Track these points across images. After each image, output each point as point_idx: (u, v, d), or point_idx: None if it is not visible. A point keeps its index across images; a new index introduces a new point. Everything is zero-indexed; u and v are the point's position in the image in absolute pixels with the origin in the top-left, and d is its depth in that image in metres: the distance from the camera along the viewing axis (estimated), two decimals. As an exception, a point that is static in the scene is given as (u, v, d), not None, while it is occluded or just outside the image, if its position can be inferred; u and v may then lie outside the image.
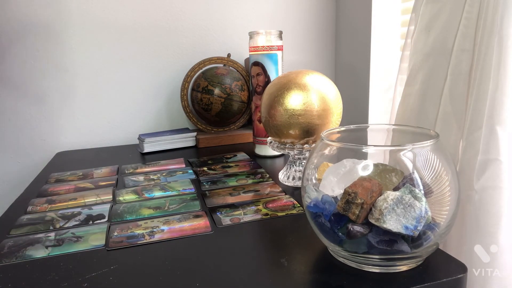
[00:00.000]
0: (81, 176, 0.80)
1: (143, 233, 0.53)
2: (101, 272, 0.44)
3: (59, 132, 1.04)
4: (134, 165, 0.86)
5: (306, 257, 0.47)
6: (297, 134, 0.65)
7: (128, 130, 1.09)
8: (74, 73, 1.03)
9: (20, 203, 0.67)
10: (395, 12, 1.03)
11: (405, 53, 0.79)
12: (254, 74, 0.86)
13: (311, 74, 0.67)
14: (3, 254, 0.49)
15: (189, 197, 0.66)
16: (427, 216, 0.39)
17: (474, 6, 0.61)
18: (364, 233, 0.39)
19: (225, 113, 1.01)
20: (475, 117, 0.60)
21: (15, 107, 1.00)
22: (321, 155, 0.46)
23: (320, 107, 0.64)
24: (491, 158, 0.57)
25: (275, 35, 0.85)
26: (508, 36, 0.55)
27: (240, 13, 1.13)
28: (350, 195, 0.39)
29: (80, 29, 1.01)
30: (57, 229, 0.56)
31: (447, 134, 0.66)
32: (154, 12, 1.06)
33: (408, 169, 0.41)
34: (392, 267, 0.41)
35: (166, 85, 1.10)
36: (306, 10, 1.19)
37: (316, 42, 1.22)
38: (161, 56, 1.08)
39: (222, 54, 1.12)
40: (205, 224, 0.55)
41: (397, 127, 0.55)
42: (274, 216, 0.57)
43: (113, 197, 0.67)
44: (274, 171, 0.78)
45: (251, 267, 0.45)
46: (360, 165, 0.42)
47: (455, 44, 0.64)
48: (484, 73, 0.59)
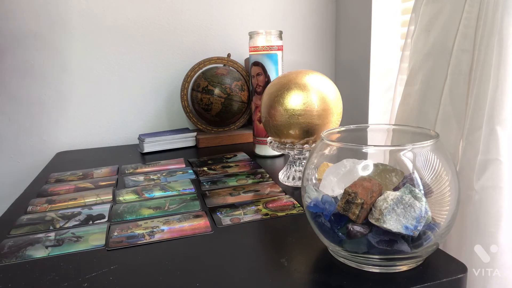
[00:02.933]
0: (81, 176, 0.80)
1: (143, 233, 0.53)
2: (101, 272, 0.44)
3: (59, 132, 1.04)
4: (134, 165, 0.86)
5: (306, 257, 0.47)
6: (297, 134, 0.65)
7: (128, 130, 1.09)
8: (74, 73, 1.03)
9: (20, 203, 0.67)
10: (395, 12, 1.03)
11: (405, 53, 0.79)
12: (254, 74, 0.86)
13: (311, 74, 0.67)
14: (3, 254, 0.49)
15: (189, 197, 0.66)
16: (427, 216, 0.39)
17: (474, 6, 0.61)
18: (364, 233, 0.39)
19: (225, 113, 1.01)
20: (475, 117, 0.60)
21: (15, 107, 1.00)
22: (321, 155, 0.46)
23: (320, 107, 0.64)
24: (491, 158, 0.57)
25: (275, 35, 0.85)
26: (508, 36, 0.55)
27: (240, 13, 1.13)
28: (350, 195, 0.39)
29: (80, 29, 1.01)
30: (57, 229, 0.56)
31: (447, 134, 0.66)
32: (154, 12, 1.06)
33: (408, 169, 0.41)
34: (392, 267, 0.41)
35: (166, 85, 1.10)
36: (306, 10, 1.19)
37: (316, 42, 1.22)
38: (161, 56, 1.08)
39: (222, 54, 1.12)
40: (205, 224, 0.55)
41: (397, 127, 0.55)
42: (274, 216, 0.57)
43: (113, 197, 0.67)
44: (274, 171, 0.78)
45: (251, 267, 0.45)
46: (360, 165, 0.42)
47: (455, 44, 0.64)
48: (484, 73, 0.59)
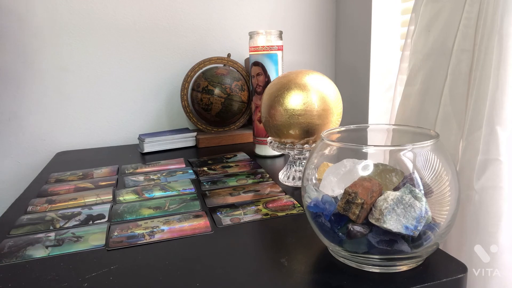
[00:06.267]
0: (81, 176, 0.80)
1: (143, 233, 0.53)
2: (101, 272, 0.44)
3: (59, 132, 1.04)
4: (134, 165, 0.86)
5: (306, 257, 0.47)
6: (297, 134, 0.65)
7: (128, 130, 1.09)
8: (74, 73, 1.03)
9: (20, 203, 0.67)
10: (395, 12, 1.03)
11: (405, 53, 0.79)
12: (254, 74, 0.86)
13: (311, 74, 0.67)
14: (3, 254, 0.49)
15: (189, 197, 0.66)
16: (427, 216, 0.39)
17: (474, 6, 0.61)
18: (364, 233, 0.39)
19: (225, 113, 1.01)
20: (475, 117, 0.60)
21: (15, 107, 1.00)
22: (321, 155, 0.46)
23: (320, 107, 0.64)
24: (491, 158, 0.57)
25: (275, 35, 0.85)
26: (508, 36, 0.55)
27: (240, 13, 1.13)
28: (350, 195, 0.39)
29: (80, 29, 1.01)
30: (57, 229, 0.56)
31: (447, 134, 0.66)
32: (154, 12, 1.06)
33: (408, 169, 0.41)
34: (392, 267, 0.41)
35: (166, 85, 1.10)
36: (306, 10, 1.19)
37: (316, 42, 1.22)
38: (161, 56, 1.08)
39: (222, 54, 1.12)
40: (205, 224, 0.55)
41: (397, 127, 0.55)
42: (274, 216, 0.57)
43: (113, 197, 0.67)
44: (274, 171, 0.78)
45: (251, 267, 0.45)
46: (360, 165, 0.42)
47: (455, 44, 0.64)
48: (484, 73, 0.59)
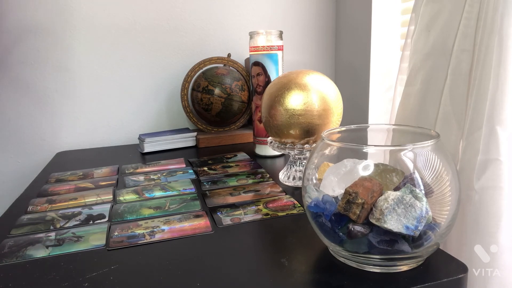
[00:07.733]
0: (81, 176, 0.80)
1: (144, 233, 0.53)
2: (101, 272, 0.44)
3: (59, 132, 1.04)
4: (135, 165, 0.86)
5: (307, 257, 0.47)
6: (298, 134, 0.65)
7: (128, 130, 1.09)
8: (74, 73, 1.03)
9: (20, 203, 0.67)
10: (395, 12, 1.03)
11: (405, 53, 0.79)
12: (254, 74, 0.86)
13: (311, 74, 0.67)
14: (4, 254, 0.49)
15: (190, 197, 0.66)
16: (427, 216, 0.39)
17: (474, 6, 0.61)
18: (365, 233, 0.39)
19: (225, 113, 1.01)
20: (475, 117, 0.60)
21: (15, 107, 1.00)
22: (322, 155, 0.46)
23: (320, 107, 0.64)
24: (491, 158, 0.57)
25: (275, 35, 0.85)
26: (508, 36, 0.55)
27: (240, 13, 1.13)
28: (351, 195, 0.39)
29: (81, 29, 1.01)
30: (58, 229, 0.56)
31: (447, 134, 0.66)
32: (154, 12, 1.06)
33: (408, 169, 0.41)
34: (392, 267, 0.41)
35: (166, 85, 1.10)
36: (306, 10, 1.19)
37: (316, 42, 1.22)
38: (161, 56, 1.08)
39: (222, 54, 1.12)
40: (205, 224, 0.55)
41: (397, 127, 0.55)
42: (274, 216, 0.57)
43: (113, 197, 0.67)
44: (275, 171, 0.78)
45: (251, 267, 0.45)
46: (361, 165, 0.42)
47: (455, 44, 0.64)
48: (484, 73, 0.59)
